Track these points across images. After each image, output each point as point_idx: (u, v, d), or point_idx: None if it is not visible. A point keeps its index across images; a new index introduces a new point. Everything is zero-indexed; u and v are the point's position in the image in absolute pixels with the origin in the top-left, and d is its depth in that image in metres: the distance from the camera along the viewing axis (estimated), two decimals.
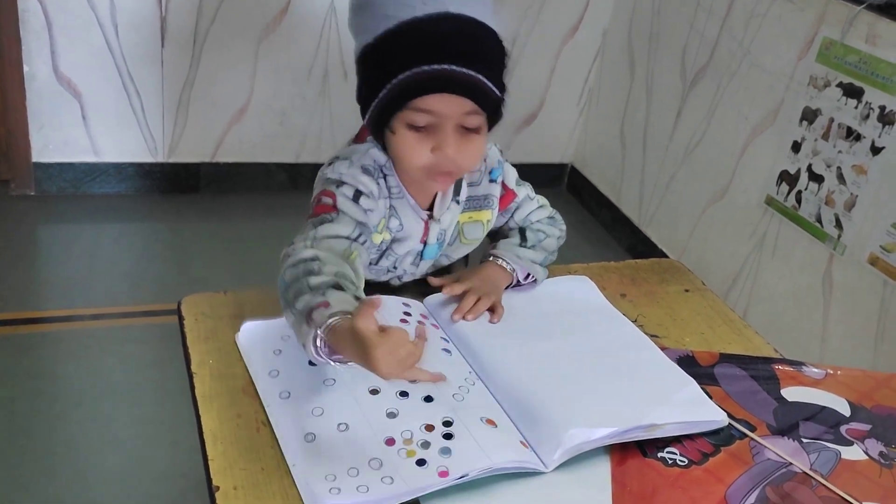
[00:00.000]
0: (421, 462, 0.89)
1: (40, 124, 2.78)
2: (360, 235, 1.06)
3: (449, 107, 1.01)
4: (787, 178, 2.42)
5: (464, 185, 1.19)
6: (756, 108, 2.54)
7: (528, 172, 4.04)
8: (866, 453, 1.02)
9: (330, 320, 0.87)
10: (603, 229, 3.29)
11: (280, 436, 0.92)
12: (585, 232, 3.26)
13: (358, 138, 1.15)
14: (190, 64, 2.84)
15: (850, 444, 1.03)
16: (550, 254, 1.29)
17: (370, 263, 1.17)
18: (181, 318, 1.10)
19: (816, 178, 2.32)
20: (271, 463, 0.89)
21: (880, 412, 1.10)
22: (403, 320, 1.10)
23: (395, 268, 1.20)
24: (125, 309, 2.44)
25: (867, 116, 2.15)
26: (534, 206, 1.31)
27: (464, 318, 1.12)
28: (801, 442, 1.02)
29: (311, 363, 0.98)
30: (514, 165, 3.67)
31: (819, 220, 2.31)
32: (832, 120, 2.26)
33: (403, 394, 0.98)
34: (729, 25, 2.63)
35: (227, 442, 0.91)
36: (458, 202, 1.19)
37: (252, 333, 1.07)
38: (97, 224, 2.83)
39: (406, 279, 1.24)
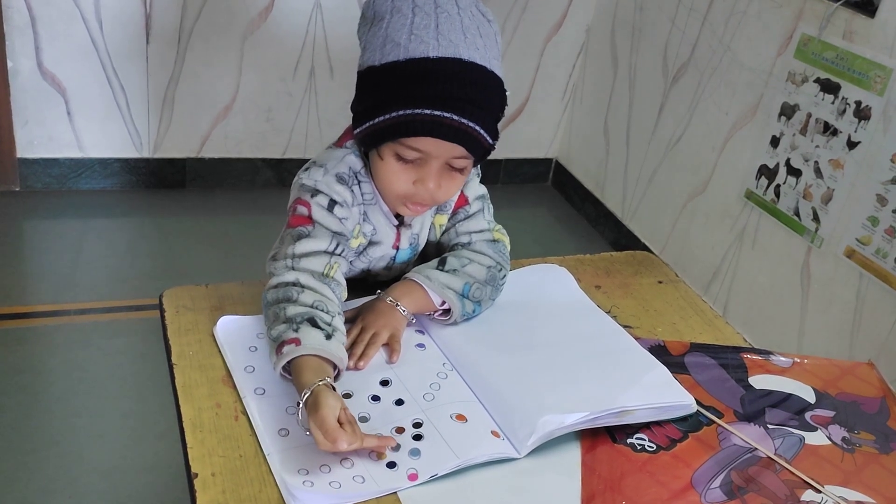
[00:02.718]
0: (391, 465, 0.91)
1: (24, 120, 2.79)
2: (337, 246, 1.09)
3: (439, 149, 1.03)
4: (767, 173, 2.45)
5: None
6: (736, 103, 2.57)
7: (513, 168, 4.08)
8: (829, 439, 1.05)
9: (293, 357, 0.97)
10: (587, 223, 3.32)
11: (256, 425, 0.94)
12: (570, 226, 3.29)
13: (338, 142, 1.16)
14: (175, 60, 2.85)
15: (814, 429, 1.06)
16: (479, 283, 1.15)
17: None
18: (162, 311, 1.12)
19: (794, 173, 2.35)
20: (249, 451, 0.91)
21: (844, 399, 1.13)
22: None
23: (368, 271, 1.22)
24: (110, 304, 2.45)
25: (844, 112, 2.18)
26: (482, 226, 1.22)
27: (356, 366, 1.05)
28: (766, 428, 1.05)
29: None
30: (499, 161, 3.72)
31: (797, 214, 2.35)
32: (810, 115, 2.29)
33: (375, 398, 1.00)
34: (710, 22, 2.66)
35: (205, 430, 0.93)
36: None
37: (229, 328, 1.09)
38: (82, 220, 2.84)
39: (380, 279, 1.26)
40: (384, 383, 1.03)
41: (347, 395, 1.00)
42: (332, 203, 1.09)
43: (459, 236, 1.21)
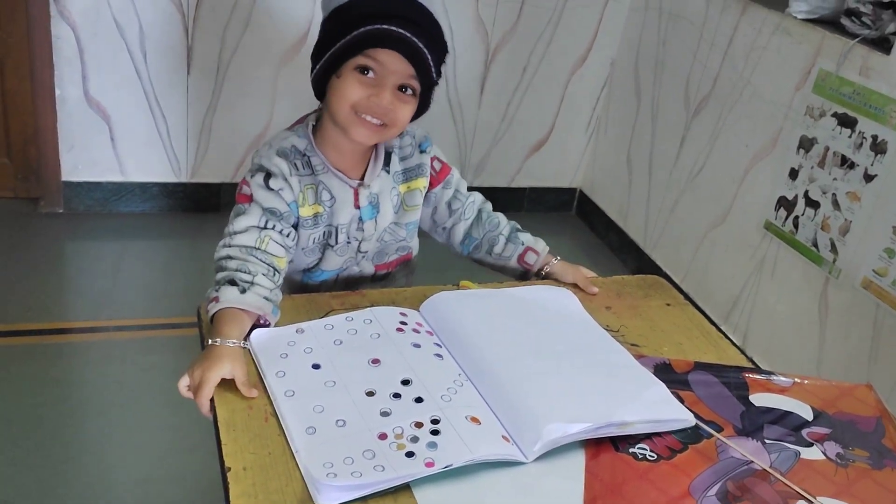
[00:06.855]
0: (410, 454, 0.98)
1: (70, 145, 2.92)
2: (267, 222, 1.24)
3: (394, 63, 1.18)
4: (785, 204, 2.50)
5: (394, 157, 1.34)
6: (756, 136, 2.63)
7: (538, 196, 4.13)
8: (824, 454, 1.10)
9: (213, 312, 1.16)
10: (610, 252, 3.38)
11: (285, 426, 1.02)
12: (593, 254, 3.35)
13: (289, 127, 1.34)
14: (213, 90, 2.97)
15: (809, 445, 1.11)
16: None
17: (331, 247, 1.33)
18: (200, 322, 1.21)
19: (813, 204, 2.40)
20: (277, 448, 0.99)
21: (842, 418, 1.18)
22: (399, 329, 1.20)
23: (349, 241, 1.33)
24: (147, 321, 2.55)
25: (860, 145, 2.23)
26: (461, 182, 1.46)
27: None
28: (763, 442, 1.11)
29: (313, 366, 1.12)
30: (524, 189, 3.86)
31: (815, 245, 2.39)
32: (827, 148, 2.34)
33: (396, 395, 1.08)
34: (731, 56, 2.73)
35: (238, 429, 1.01)
36: (387, 171, 1.34)
37: (261, 339, 1.17)
38: (122, 241, 2.96)
39: (368, 256, 1.38)
40: (405, 382, 1.10)
41: (371, 394, 1.07)
42: (269, 175, 1.24)
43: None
